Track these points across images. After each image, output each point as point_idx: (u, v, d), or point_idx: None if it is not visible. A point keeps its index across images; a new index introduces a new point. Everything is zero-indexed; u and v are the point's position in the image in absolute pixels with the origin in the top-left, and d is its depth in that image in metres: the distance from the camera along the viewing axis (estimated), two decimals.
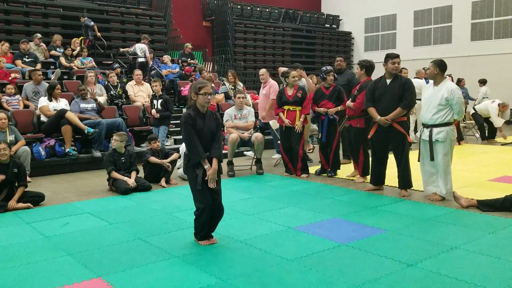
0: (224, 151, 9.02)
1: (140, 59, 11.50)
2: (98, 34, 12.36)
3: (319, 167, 7.27)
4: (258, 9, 18.74)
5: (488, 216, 4.72)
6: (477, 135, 11.97)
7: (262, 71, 8.52)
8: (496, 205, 4.91)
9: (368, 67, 6.45)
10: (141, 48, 11.65)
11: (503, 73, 16.15)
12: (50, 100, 7.94)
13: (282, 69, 7.45)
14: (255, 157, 7.40)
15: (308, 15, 20.43)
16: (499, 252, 3.70)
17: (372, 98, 5.77)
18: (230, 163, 7.26)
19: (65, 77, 10.27)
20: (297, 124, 6.89)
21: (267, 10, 19.03)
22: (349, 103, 6.46)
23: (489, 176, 6.81)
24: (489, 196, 5.20)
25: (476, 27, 17.36)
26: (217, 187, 3.93)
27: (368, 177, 6.28)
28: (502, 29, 16.65)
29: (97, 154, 7.86)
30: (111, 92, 9.52)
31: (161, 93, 8.03)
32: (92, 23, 12.26)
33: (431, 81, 5.50)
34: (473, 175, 6.89)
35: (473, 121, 12.07)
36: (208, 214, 3.89)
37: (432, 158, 5.30)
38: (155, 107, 7.95)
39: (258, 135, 7.25)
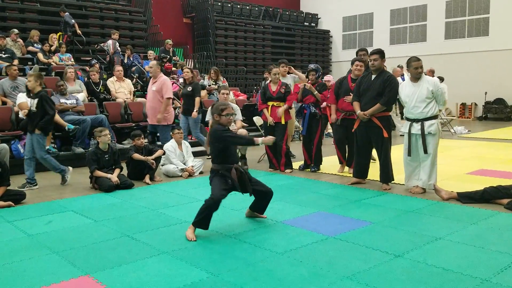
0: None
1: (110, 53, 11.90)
2: (79, 31, 12.17)
3: (302, 162, 7.34)
4: (239, 6, 18.74)
5: (468, 208, 4.85)
6: (452, 130, 12.26)
7: (152, 63, 7.63)
8: (475, 197, 5.05)
9: None
10: (108, 44, 11.93)
11: (475, 71, 16.55)
12: (29, 97, 7.75)
13: (275, 70, 7.29)
14: (239, 153, 7.41)
15: (287, 13, 20.55)
16: (482, 242, 3.81)
17: (358, 93, 5.89)
18: None
19: (44, 73, 10.01)
20: (279, 111, 6.91)
21: (248, 7, 19.05)
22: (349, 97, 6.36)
23: (467, 169, 6.99)
24: (468, 188, 5.33)
25: (450, 26, 17.73)
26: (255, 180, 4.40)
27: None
28: (475, 28, 17.05)
29: (79, 150, 7.74)
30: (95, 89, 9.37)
31: (39, 89, 6.23)
32: (73, 21, 12.06)
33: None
34: (451, 168, 7.05)
35: (448, 118, 12.39)
36: (217, 206, 4.08)
37: (426, 151, 5.42)
38: (30, 107, 6.23)
39: (243, 131, 7.26)
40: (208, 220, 4.07)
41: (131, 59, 11.96)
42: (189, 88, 8.20)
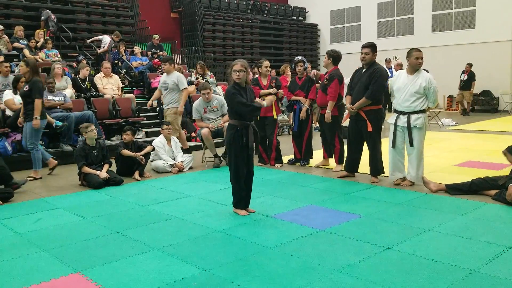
0: (195, 143, 9.03)
1: (100, 50, 11.82)
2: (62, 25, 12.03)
3: (292, 156, 7.35)
4: (226, 0, 18.62)
5: (456, 199, 4.90)
6: (440, 122, 12.36)
7: None
8: (463, 188, 5.11)
9: (335, 57, 6.50)
10: (105, 41, 11.82)
11: (462, 63, 16.66)
12: (16, 93, 7.67)
13: (266, 63, 7.24)
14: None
15: (275, 7, 20.49)
16: (470, 233, 3.85)
17: (351, 87, 5.96)
18: (215, 156, 7.31)
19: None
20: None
21: (235, 1, 18.94)
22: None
23: (454, 161, 7.06)
24: (456, 180, 5.39)
25: (436, 19, 17.83)
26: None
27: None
28: (461, 21, 17.15)
29: (67, 147, 7.67)
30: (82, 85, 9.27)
31: None
32: (52, 16, 11.88)
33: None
34: (439, 160, 7.12)
35: (436, 110, 12.50)
36: (243, 181, 4.53)
37: (411, 144, 5.45)
38: None
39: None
40: (242, 199, 4.56)
41: (122, 55, 11.86)
42: (26, 88, 6.28)
